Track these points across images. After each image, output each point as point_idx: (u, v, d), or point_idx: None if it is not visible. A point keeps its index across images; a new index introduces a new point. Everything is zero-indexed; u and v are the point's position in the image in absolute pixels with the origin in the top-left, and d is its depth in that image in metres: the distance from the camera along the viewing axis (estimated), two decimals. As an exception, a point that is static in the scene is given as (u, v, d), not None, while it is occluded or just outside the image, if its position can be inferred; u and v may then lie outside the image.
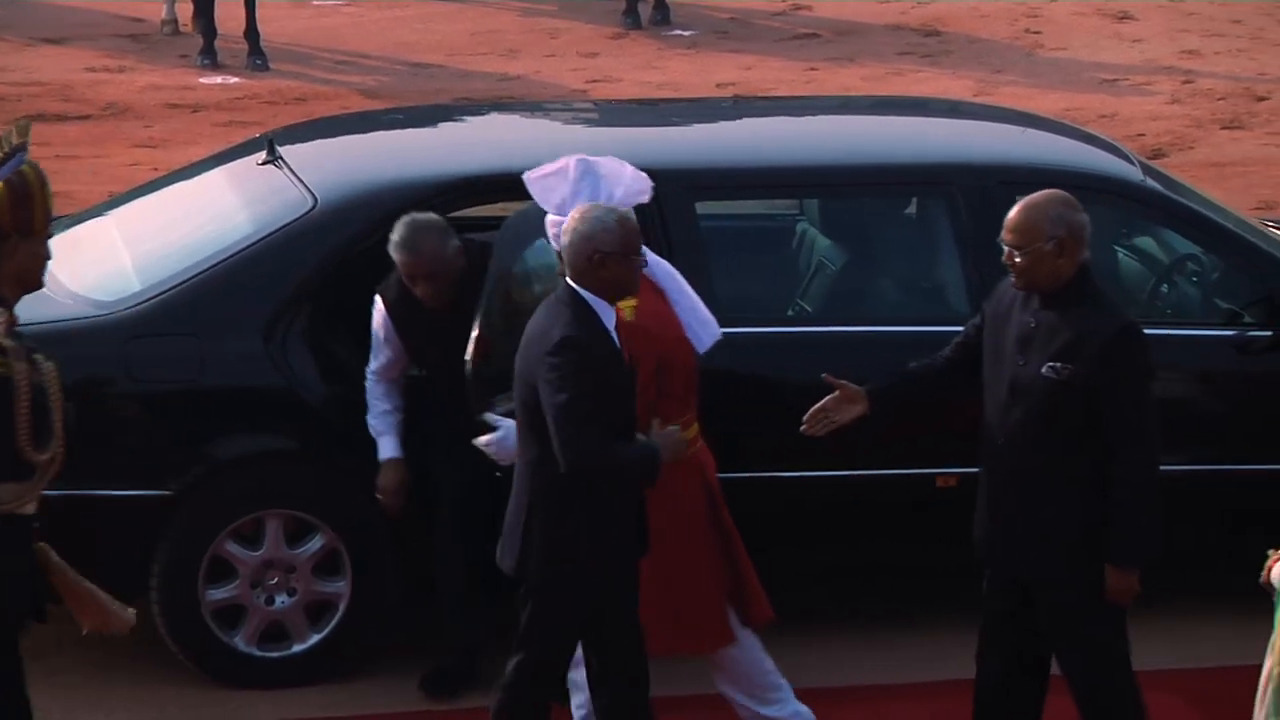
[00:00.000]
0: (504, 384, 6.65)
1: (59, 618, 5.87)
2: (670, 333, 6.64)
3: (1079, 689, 6.34)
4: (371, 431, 7.26)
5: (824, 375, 6.43)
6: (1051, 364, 6.21)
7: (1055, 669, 6.42)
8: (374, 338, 7.29)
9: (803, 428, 6.40)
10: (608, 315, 6.20)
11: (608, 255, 6.17)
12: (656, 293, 6.66)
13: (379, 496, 7.23)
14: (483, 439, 6.70)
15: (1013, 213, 6.30)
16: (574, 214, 6.24)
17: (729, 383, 7.27)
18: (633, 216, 6.24)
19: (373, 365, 7.30)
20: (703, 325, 6.69)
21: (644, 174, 6.67)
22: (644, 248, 6.61)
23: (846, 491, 7.49)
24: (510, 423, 6.66)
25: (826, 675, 7.50)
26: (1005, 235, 6.29)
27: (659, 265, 6.73)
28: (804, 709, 6.88)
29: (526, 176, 6.71)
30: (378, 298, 7.28)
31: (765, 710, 6.86)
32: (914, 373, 6.56)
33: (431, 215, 7.22)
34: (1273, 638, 5.75)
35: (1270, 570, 5.77)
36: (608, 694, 6.32)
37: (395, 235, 7.17)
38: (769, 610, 6.79)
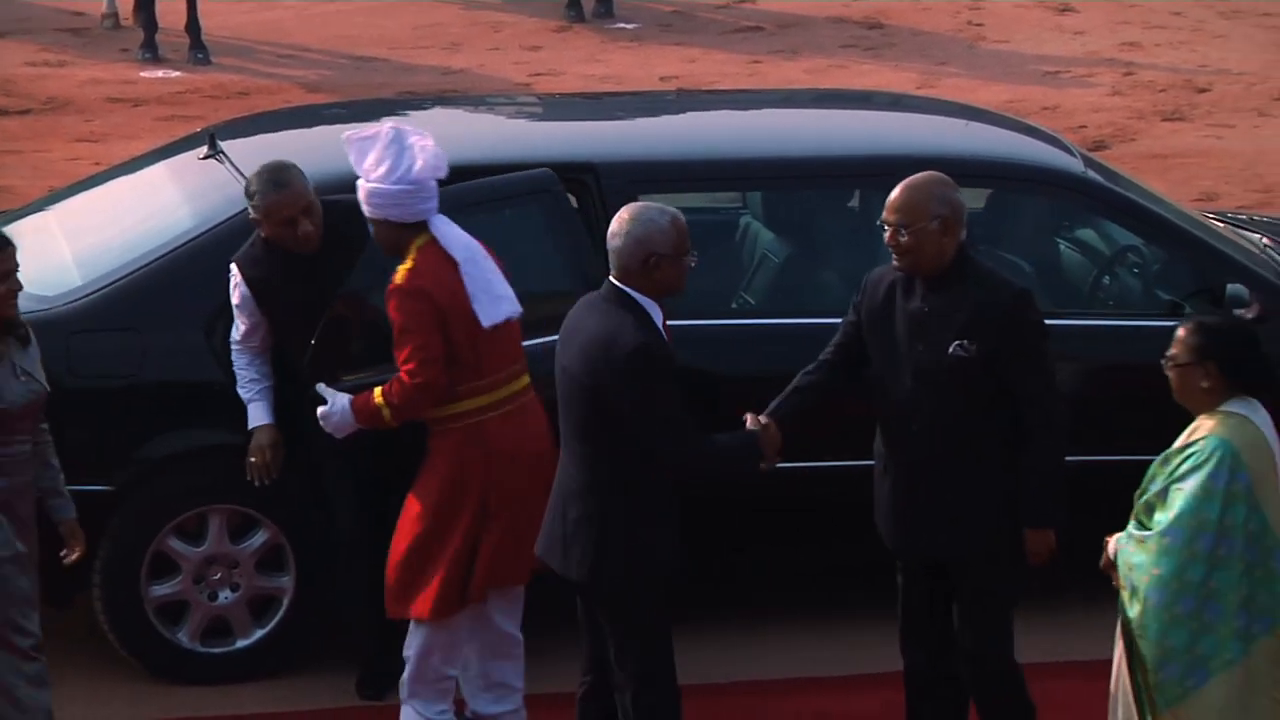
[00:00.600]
0: (358, 360, 6.74)
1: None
2: (450, 302, 6.64)
3: (979, 660, 6.36)
4: (242, 398, 7.19)
5: (745, 415, 6.38)
6: (958, 343, 6.24)
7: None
8: (234, 308, 7.19)
9: (762, 466, 6.35)
10: (657, 315, 6.20)
11: (662, 258, 6.15)
12: (447, 262, 6.67)
13: (250, 459, 7.16)
14: (320, 410, 6.76)
15: (895, 193, 6.33)
16: (625, 216, 6.20)
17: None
18: (682, 216, 6.24)
19: (234, 335, 7.22)
20: (492, 301, 6.68)
21: (443, 153, 6.71)
22: (443, 217, 6.70)
23: (797, 485, 7.48)
24: (341, 396, 6.72)
25: (776, 668, 7.52)
26: (889, 216, 6.32)
27: (455, 237, 6.72)
28: None
29: (345, 136, 6.78)
30: (233, 267, 7.18)
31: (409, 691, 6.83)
32: (803, 386, 6.50)
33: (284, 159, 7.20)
34: (1119, 625, 5.84)
35: (1108, 551, 5.86)
36: (627, 697, 6.23)
37: (257, 185, 7.11)
38: (482, 595, 6.75)
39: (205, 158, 7.92)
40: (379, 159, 6.68)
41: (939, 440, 6.29)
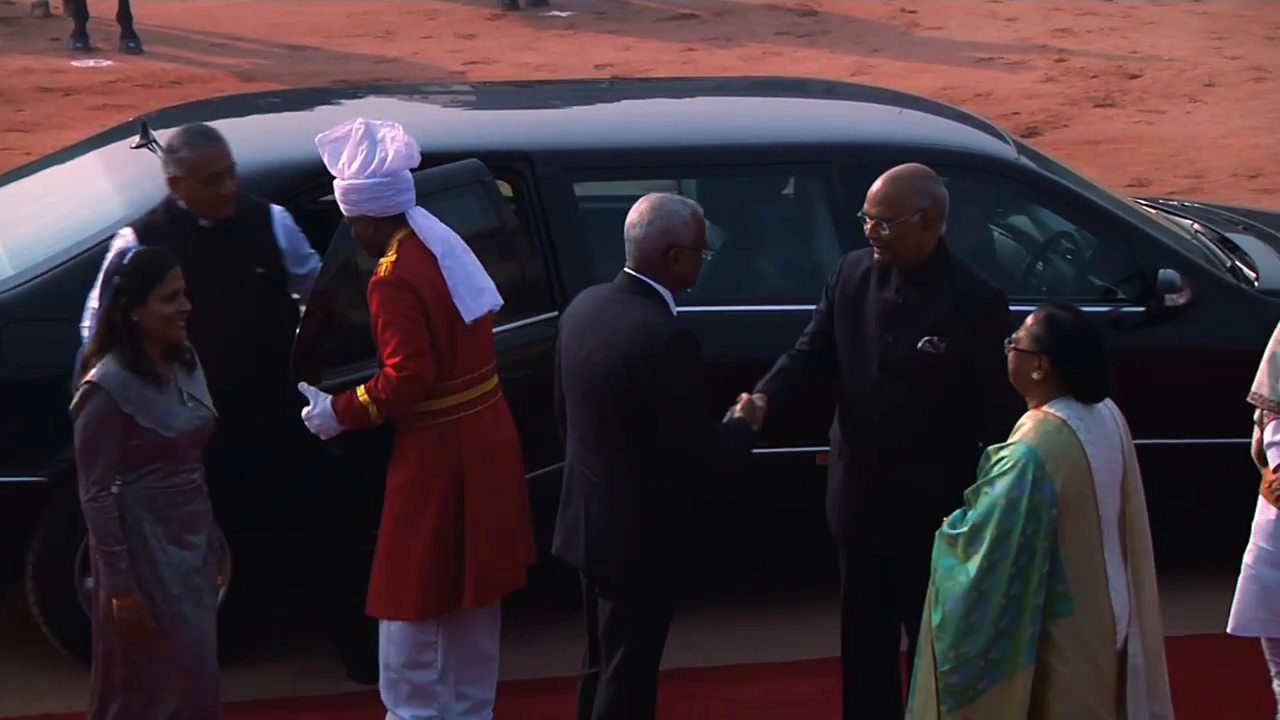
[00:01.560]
0: (336, 357, 6.68)
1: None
2: (432, 296, 6.60)
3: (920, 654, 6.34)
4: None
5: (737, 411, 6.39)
6: (928, 339, 6.24)
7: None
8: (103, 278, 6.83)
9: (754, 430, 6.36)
10: (673, 305, 6.18)
11: (683, 250, 6.13)
12: (428, 255, 6.62)
13: None
14: (305, 411, 6.72)
15: (878, 185, 6.31)
16: (644, 206, 6.17)
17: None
18: (700, 209, 6.22)
19: (91, 312, 6.83)
20: (474, 294, 6.63)
21: (414, 141, 6.67)
22: (419, 209, 6.66)
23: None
24: (323, 397, 6.69)
25: (719, 654, 7.54)
26: (870, 208, 6.30)
27: (432, 230, 6.68)
28: None
29: (319, 139, 6.73)
30: (125, 231, 7.00)
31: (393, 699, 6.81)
32: (786, 371, 6.48)
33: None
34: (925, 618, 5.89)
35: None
36: (615, 689, 6.23)
37: (185, 139, 6.99)
38: (484, 599, 6.71)
39: (138, 147, 7.89)
40: (351, 155, 6.62)
41: (899, 433, 6.26)
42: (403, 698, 6.79)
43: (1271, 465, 6.39)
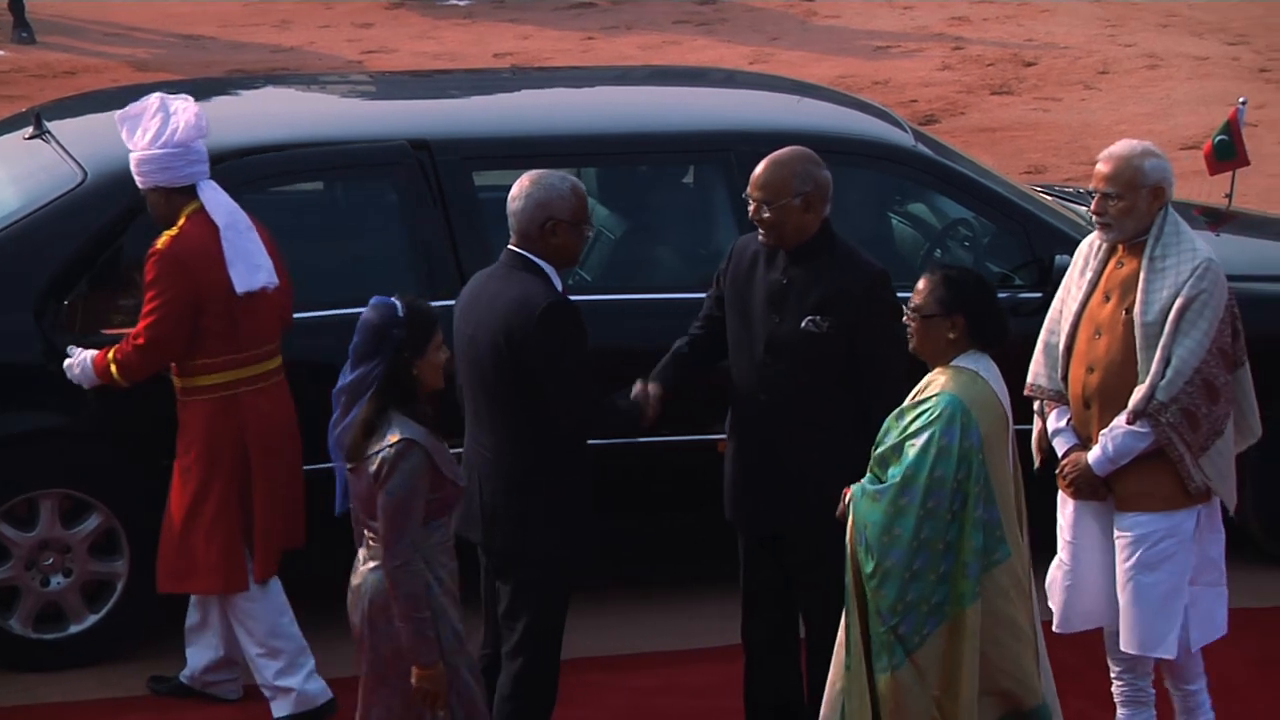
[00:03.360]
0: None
1: None
2: (207, 270, 6.76)
3: (821, 634, 6.35)
4: None
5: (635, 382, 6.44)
6: (811, 318, 6.28)
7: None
8: None
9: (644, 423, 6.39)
10: (557, 281, 6.21)
11: (560, 223, 6.15)
12: (210, 228, 6.79)
13: None
14: (66, 362, 6.92)
15: (760, 169, 6.36)
16: (525, 181, 6.22)
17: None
18: (582, 185, 6.26)
19: None
20: (250, 270, 6.78)
21: (204, 113, 6.84)
22: (211, 183, 6.82)
23: (634, 458, 7.51)
24: (86, 352, 6.88)
25: (619, 643, 7.55)
26: (753, 191, 6.35)
27: (219, 204, 6.84)
28: (319, 685, 6.89)
29: (118, 116, 6.91)
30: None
31: (273, 673, 6.87)
32: (680, 354, 6.53)
33: None
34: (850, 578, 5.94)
35: (844, 501, 5.97)
36: (517, 665, 6.23)
37: None
38: (271, 570, 6.86)
39: (31, 138, 7.83)
40: (145, 128, 6.81)
41: (786, 412, 6.30)
42: (284, 666, 6.87)
43: (1060, 453, 6.45)
